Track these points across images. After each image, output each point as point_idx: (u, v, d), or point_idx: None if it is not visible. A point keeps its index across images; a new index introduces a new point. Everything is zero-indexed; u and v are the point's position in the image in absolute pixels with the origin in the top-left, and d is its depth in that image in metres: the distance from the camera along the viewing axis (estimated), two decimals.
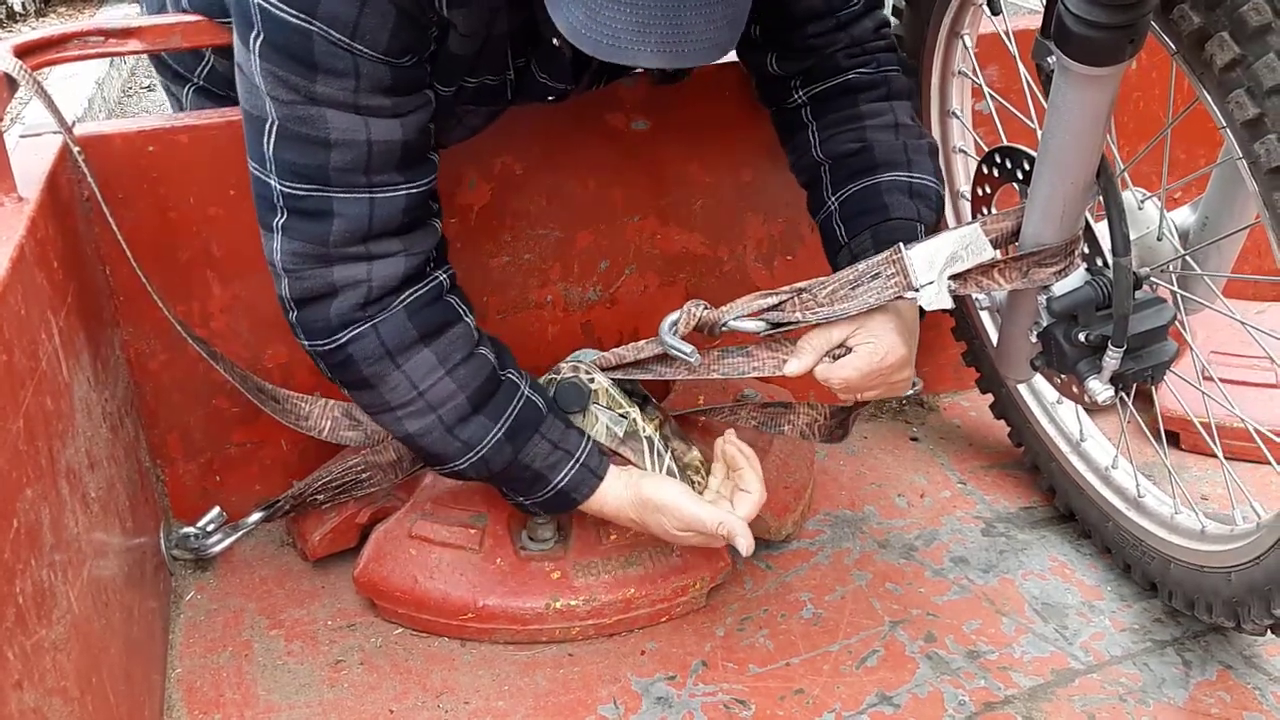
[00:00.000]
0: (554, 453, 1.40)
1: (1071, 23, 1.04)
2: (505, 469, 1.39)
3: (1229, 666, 1.43)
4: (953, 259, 1.28)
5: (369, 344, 1.32)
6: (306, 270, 1.30)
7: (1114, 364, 1.26)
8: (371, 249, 1.29)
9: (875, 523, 1.70)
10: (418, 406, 1.35)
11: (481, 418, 1.37)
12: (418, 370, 1.34)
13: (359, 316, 1.31)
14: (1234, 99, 1.03)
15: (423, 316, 1.33)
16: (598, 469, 1.42)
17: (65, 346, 1.26)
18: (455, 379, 1.35)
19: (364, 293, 1.30)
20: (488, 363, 1.38)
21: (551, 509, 1.45)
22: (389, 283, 1.31)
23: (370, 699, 1.42)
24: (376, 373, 1.33)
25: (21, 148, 1.44)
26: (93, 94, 4.37)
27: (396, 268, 1.31)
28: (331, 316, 1.31)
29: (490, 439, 1.37)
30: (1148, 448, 1.75)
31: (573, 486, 1.41)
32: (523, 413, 1.39)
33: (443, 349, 1.34)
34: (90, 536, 1.21)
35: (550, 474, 1.40)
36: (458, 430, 1.36)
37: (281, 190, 1.26)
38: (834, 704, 1.39)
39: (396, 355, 1.33)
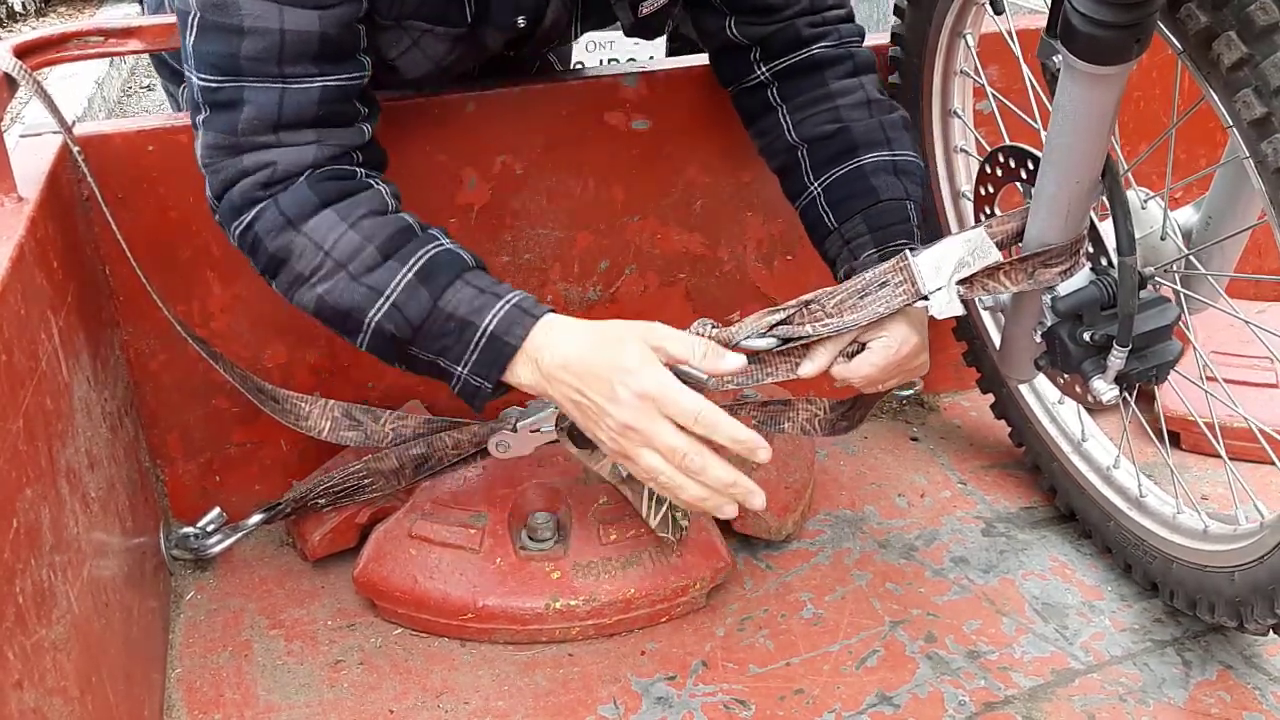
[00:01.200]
0: (480, 296, 1.26)
1: (1078, 21, 1.04)
2: (425, 320, 1.26)
3: (1229, 666, 1.43)
4: (960, 264, 1.28)
5: (270, 217, 1.27)
6: (221, 162, 1.28)
7: (1119, 364, 1.26)
8: (283, 138, 1.27)
9: (875, 523, 1.70)
10: (327, 268, 1.27)
11: (391, 262, 1.26)
12: (319, 230, 1.27)
13: (261, 195, 1.27)
14: (1241, 98, 1.03)
15: (325, 186, 1.28)
16: (534, 309, 1.27)
17: (65, 346, 1.25)
18: (360, 231, 1.26)
19: (269, 174, 1.27)
20: (404, 220, 1.30)
21: (489, 366, 1.27)
22: (294, 168, 1.27)
23: (370, 699, 1.42)
24: (282, 245, 1.27)
25: (21, 148, 1.44)
26: (93, 94, 4.38)
27: (305, 155, 1.27)
28: (236, 198, 1.28)
29: (400, 280, 1.26)
30: (1149, 447, 1.75)
31: (504, 329, 1.25)
32: (440, 256, 1.28)
33: (346, 208, 1.27)
34: (90, 536, 1.20)
35: (477, 318, 1.25)
36: (364, 278, 1.26)
37: (200, 85, 1.26)
38: (834, 704, 1.39)
39: (298, 222, 1.27)
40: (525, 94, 1.61)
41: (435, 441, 1.56)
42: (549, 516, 1.54)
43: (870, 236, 1.44)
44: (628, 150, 1.69)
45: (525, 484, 1.58)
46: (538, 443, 1.51)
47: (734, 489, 1.25)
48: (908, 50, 1.66)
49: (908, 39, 1.65)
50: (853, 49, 1.50)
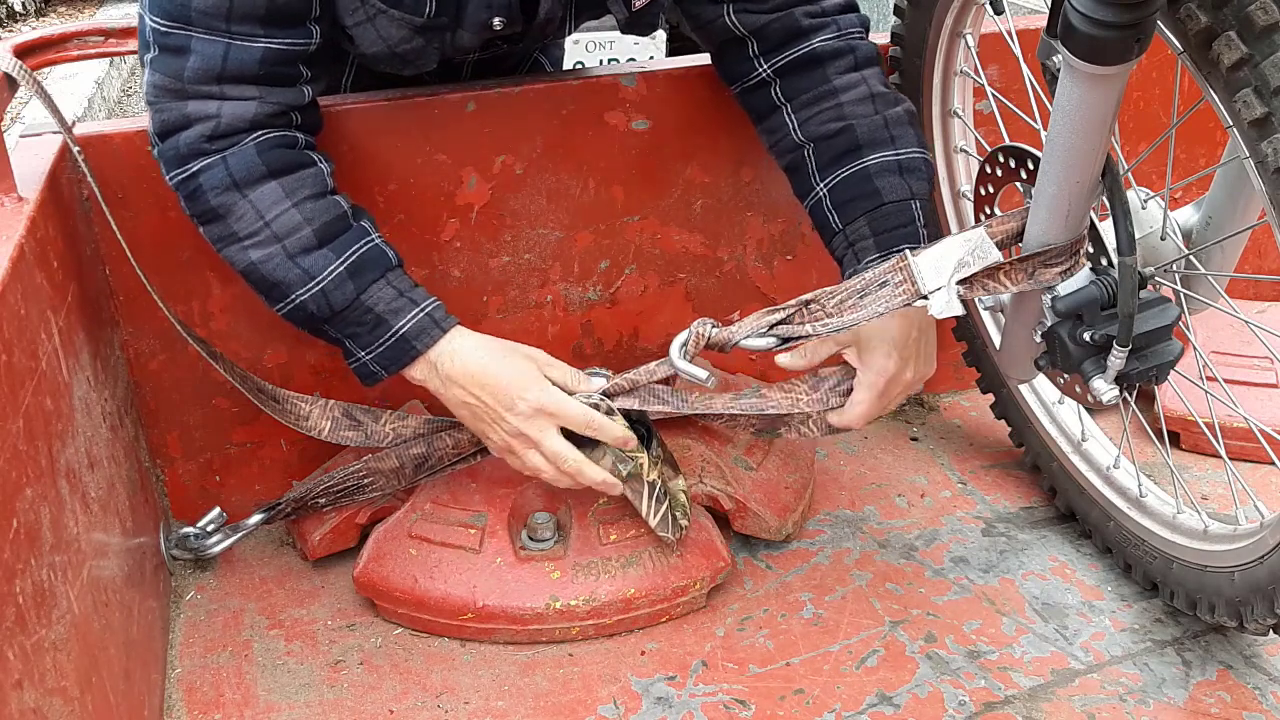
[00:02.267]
0: (399, 299, 1.40)
1: (1078, 21, 1.04)
2: (346, 309, 1.38)
3: (1229, 666, 1.43)
4: (960, 265, 1.28)
5: (217, 174, 1.34)
6: (165, 103, 1.34)
7: (1119, 364, 1.26)
8: (226, 90, 1.33)
9: (875, 523, 1.70)
10: (263, 236, 1.36)
11: (325, 250, 1.37)
12: (264, 200, 1.35)
13: (207, 149, 1.34)
14: (1241, 98, 1.03)
15: (273, 155, 1.36)
16: (443, 321, 1.41)
17: (65, 346, 1.25)
18: (302, 211, 1.36)
19: (212, 126, 1.33)
20: (339, 205, 1.39)
21: (391, 361, 1.41)
22: (237, 123, 1.34)
23: (370, 699, 1.42)
24: (224, 203, 1.35)
25: (21, 148, 1.44)
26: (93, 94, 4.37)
27: (247, 110, 1.34)
28: (181, 146, 1.34)
29: (331, 270, 1.37)
30: (1149, 447, 1.75)
31: (415, 334, 1.40)
32: (369, 254, 1.39)
33: (291, 184, 1.36)
34: (90, 536, 1.20)
35: (392, 319, 1.39)
36: (300, 259, 1.37)
37: (152, 26, 1.31)
38: (834, 704, 1.39)
39: (244, 186, 1.35)
40: (525, 94, 1.61)
41: (435, 441, 1.56)
42: (549, 516, 1.54)
43: (874, 240, 1.44)
44: (628, 150, 1.69)
45: (525, 484, 1.58)
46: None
47: (606, 488, 1.45)
48: (908, 50, 1.66)
49: (908, 39, 1.65)
50: (854, 41, 1.50)
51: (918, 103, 1.69)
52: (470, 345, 1.41)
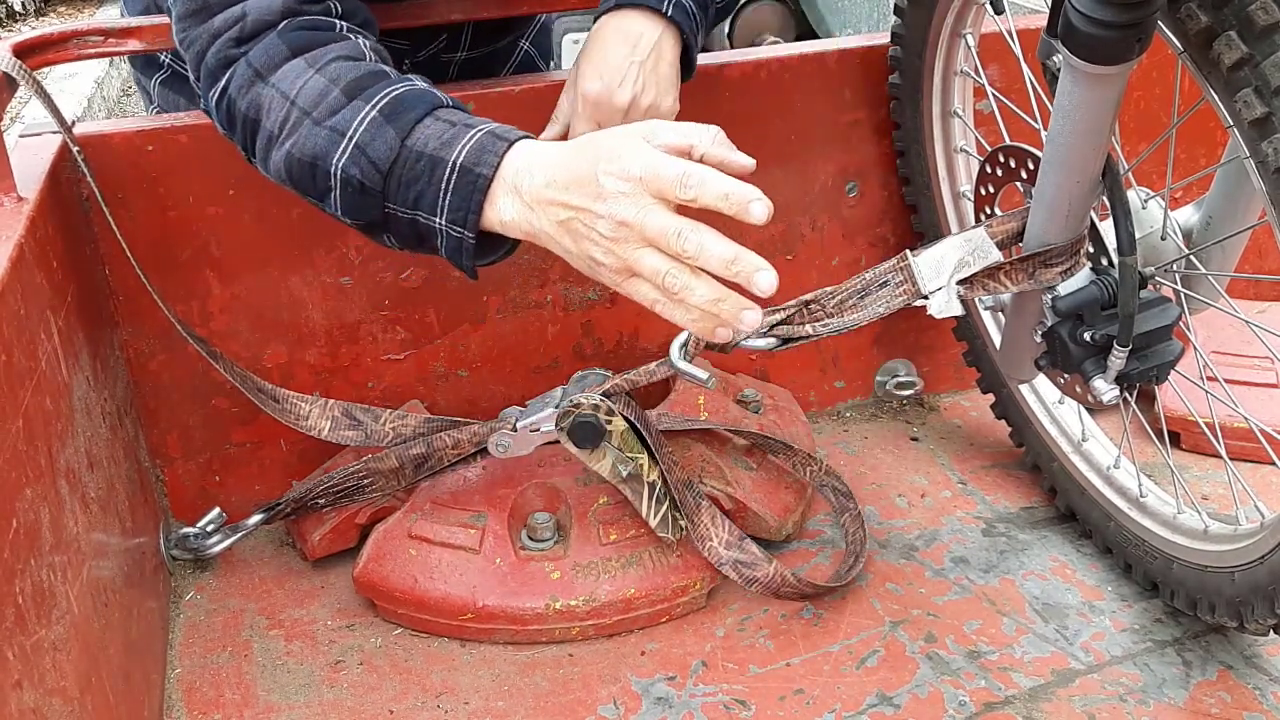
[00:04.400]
0: (450, 129, 1.15)
1: (1078, 21, 1.04)
2: (394, 163, 1.14)
3: (1229, 667, 1.43)
4: (960, 265, 1.28)
5: (241, 73, 1.20)
6: (193, 31, 1.23)
7: (1119, 364, 1.26)
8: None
9: (875, 523, 1.70)
10: (294, 118, 1.17)
11: (356, 101, 1.16)
12: (286, 78, 1.18)
13: (235, 53, 1.21)
14: (1241, 98, 1.03)
15: (296, 35, 1.20)
16: (507, 134, 1.15)
17: (65, 346, 1.25)
18: (325, 74, 1.17)
19: (240, 29, 1.20)
20: (377, 65, 1.21)
21: (463, 207, 1.14)
22: (266, 15, 1.20)
23: (370, 699, 1.42)
24: (252, 101, 1.19)
25: (21, 147, 1.44)
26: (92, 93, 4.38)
27: (275, 1, 1.20)
28: (211, 62, 1.21)
29: (362, 119, 1.14)
30: (1149, 447, 1.75)
31: (474, 159, 1.13)
32: (408, 94, 1.17)
33: (314, 56, 1.19)
34: (90, 536, 1.20)
35: (445, 151, 1.13)
36: (326, 121, 1.16)
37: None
38: (834, 704, 1.39)
39: (266, 73, 1.19)
40: (525, 94, 1.61)
41: (435, 441, 1.56)
42: (549, 516, 1.54)
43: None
44: None
45: (525, 484, 1.58)
46: (537, 443, 1.51)
47: (738, 264, 1.12)
48: (908, 50, 1.66)
49: (908, 39, 1.65)
50: None
51: (917, 102, 1.69)
52: (547, 150, 1.13)
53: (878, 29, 4.10)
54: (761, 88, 1.73)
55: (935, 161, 1.73)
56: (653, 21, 1.38)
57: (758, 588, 1.51)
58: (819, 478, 1.68)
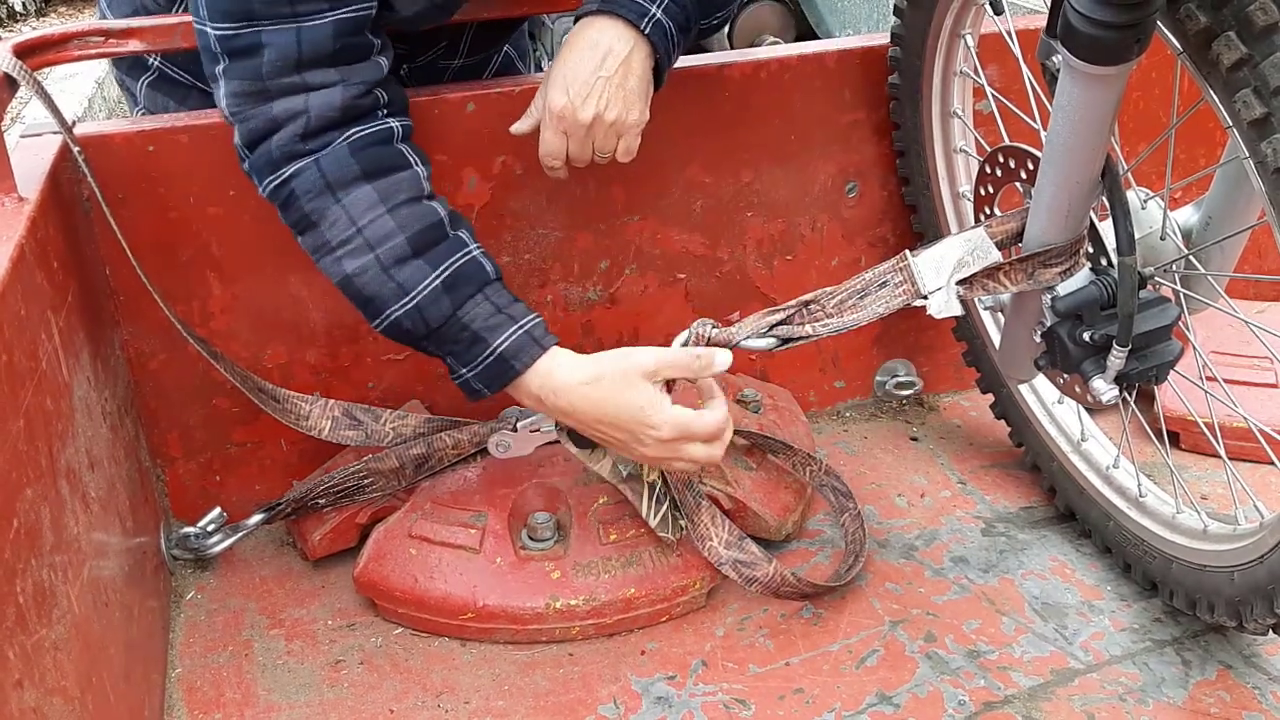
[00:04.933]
0: (496, 315, 1.35)
1: (1078, 22, 1.04)
2: (442, 325, 1.34)
3: (1229, 666, 1.43)
4: (959, 265, 1.28)
5: (310, 177, 1.31)
6: (249, 110, 1.31)
7: (1119, 364, 1.26)
8: (307, 79, 1.30)
9: (875, 522, 1.70)
10: (356, 244, 1.32)
11: (420, 261, 1.33)
12: (357, 205, 1.32)
13: (300, 150, 1.31)
14: (1240, 98, 1.03)
15: (367, 155, 1.32)
16: (542, 339, 1.36)
17: (65, 346, 1.25)
18: (396, 218, 1.32)
19: (303, 124, 1.30)
20: (435, 213, 1.35)
21: (489, 380, 1.37)
22: (327, 113, 1.31)
23: (370, 699, 1.42)
24: (317, 208, 1.32)
25: (21, 147, 1.44)
26: (93, 94, 4.37)
27: (334, 97, 1.31)
28: (274, 150, 1.31)
29: (427, 285, 1.33)
30: (1149, 447, 1.75)
31: (513, 353, 1.34)
32: (466, 267, 1.35)
33: (385, 188, 1.33)
34: (90, 536, 1.20)
35: (490, 336, 1.34)
36: (394, 271, 1.32)
37: (215, 35, 1.29)
38: (834, 704, 1.39)
39: (337, 189, 1.32)
40: (525, 94, 1.61)
41: (435, 441, 1.56)
42: (549, 516, 1.54)
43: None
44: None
45: (525, 484, 1.58)
46: (538, 443, 1.51)
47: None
48: (908, 50, 1.66)
49: (908, 39, 1.65)
50: None
51: (917, 103, 1.69)
52: (571, 379, 1.35)
53: (878, 29, 4.11)
54: (761, 88, 1.73)
55: (935, 162, 1.73)
56: (627, 34, 1.39)
57: (758, 587, 1.51)
58: (819, 477, 1.68)
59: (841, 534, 1.65)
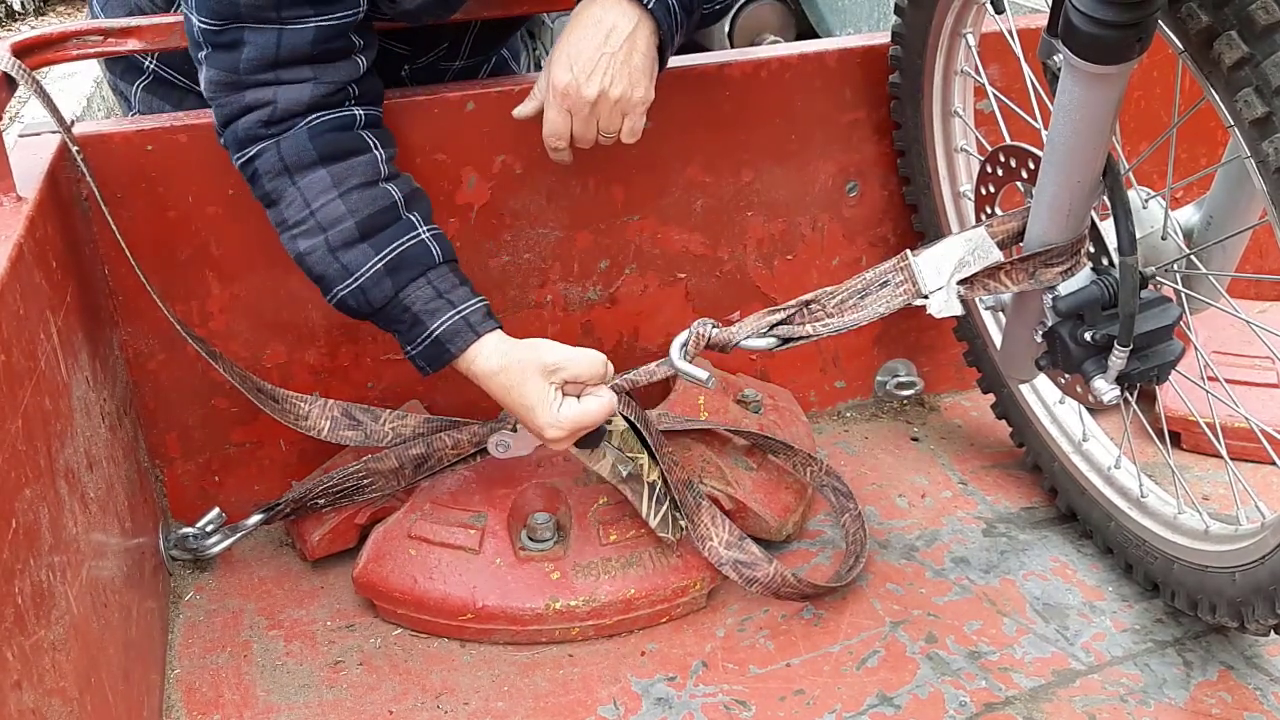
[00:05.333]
0: (436, 300, 1.38)
1: (1079, 21, 1.04)
2: (385, 306, 1.38)
3: (1230, 667, 1.43)
4: (960, 264, 1.28)
5: (270, 159, 1.36)
6: (224, 97, 1.35)
7: (1120, 363, 1.26)
8: (280, 75, 1.34)
9: (876, 523, 1.70)
10: (309, 225, 1.36)
11: (365, 245, 1.37)
12: (312, 189, 1.36)
13: (262, 134, 1.35)
14: (1242, 98, 1.03)
15: (325, 140, 1.36)
16: (479, 325, 1.39)
17: (64, 346, 1.25)
18: (346, 202, 1.36)
19: (269, 112, 1.35)
20: (388, 195, 1.38)
21: (429, 360, 1.41)
22: (293, 106, 1.35)
23: (369, 699, 1.42)
24: (276, 188, 1.37)
25: (20, 147, 1.44)
26: (92, 93, 4.37)
27: (302, 93, 1.34)
28: (239, 131, 1.36)
29: (370, 268, 1.37)
30: (1150, 448, 1.75)
31: (448, 337, 1.38)
32: (410, 251, 1.38)
33: (340, 172, 1.36)
34: (89, 537, 1.20)
35: (428, 319, 1.38)
36: (340, 253, 1.37)
37: (201, 27, 1.32)
38: (834, 704, 1.39)
39: (294, 172, 1.36)
40: (525, 93, 1.60)
41: (435, 441, 1.56)
42: (549, 517, 1.54)
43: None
44: (628, 150, 1.68)
45: (525, 484, 1.58)
46: (537, 443, 1.51)
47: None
48: (908, 50, 1.66)
49: (908, 39, 1.65)
50: None
51: (918, 102, 1.69)
52: (486, 368, 1.39)
53: (878, 29, 4.10)
54: (761, 88, 1.73)
55: (936, 161, 1.72)
56: (631, 11, 1.39)
57: (758, 588, 1.51)
58: (819, 478, 1.67)
59: (842, 534, 1.65)
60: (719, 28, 4.29)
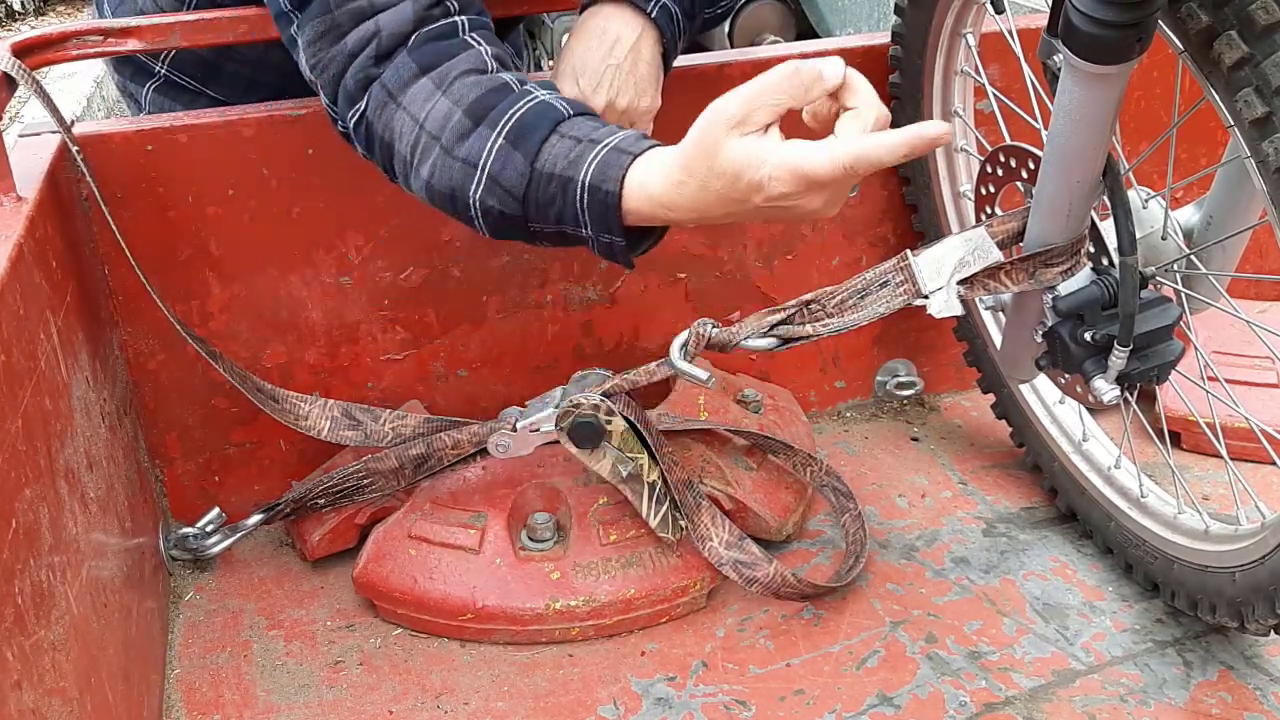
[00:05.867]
0: (576, 147, 1.17)
1: (1079, 20, 1.04)
2: (528, 188, 1.18)
3: (1230, 667, 1.43)
4: (960, 264, 1.28)
5: (378, 96, 1.23)
6: (327, 53, 1.24)
7: (1120, 363, 1.26)
8: (376, 2, 1.22)
9: (876, 523, 1.70)
10: (423, 144, 1.21)
11: (481, 129, 1.19)
12: (415, 100, 1.21)
13: (374, 73, 1.23)
14: (1242, 98, 1.03)
15: (424, 51, 1.22)
16: (632, 147, 1.16)
17: (64, 346, 1.25)
18: (450, 96, 1.20)
19: (375, 46, 1.22)
20: (499, 79, 1.22)
21: (603, 220, 1.17)
22: (399, 28, 1.22)
23: (370, 699, 1.42)
24: (386, 124, 1.23)
25: (20, 147, 1.44)
26: (92, 93, 4.37)
27: (405, 12, 1.22)
28: (350, 84, 1.24)
29: (490, 149, 1.18)
30: (1150, 448, 1.75)
31: (600, 177, 1.15)
32: (529, 114, 1.19)
33: (441, 74, 1.21)
34: (89, 537, 1.20)
35: (574, 171, 1.16)
36: (457, 149, 1.19)
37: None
38: (834, 704, 1.39)
39: (397, 94, 1.22)
40: None
41: (435, 441, 1.56)
42: (549, 516, 1.54)
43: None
44: None
45: (525, 484, 1.58)
46: (537, 443, 1.51)
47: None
48: (908, 50, 1.66)
49: (908, 38, 1.65)
50: None
51: (918, 102, 1.69)
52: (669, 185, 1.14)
53: (878, 29, 4.10)
54: None
55: (935, 161, 1.73)
56: (634, 20, 1.39)
57: (758, 588, 1.51)
58: (819, 478, 1.67)
59: (842, 534, 1.65)
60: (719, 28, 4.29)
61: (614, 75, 1.39)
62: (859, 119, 1.13)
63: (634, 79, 1.40)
